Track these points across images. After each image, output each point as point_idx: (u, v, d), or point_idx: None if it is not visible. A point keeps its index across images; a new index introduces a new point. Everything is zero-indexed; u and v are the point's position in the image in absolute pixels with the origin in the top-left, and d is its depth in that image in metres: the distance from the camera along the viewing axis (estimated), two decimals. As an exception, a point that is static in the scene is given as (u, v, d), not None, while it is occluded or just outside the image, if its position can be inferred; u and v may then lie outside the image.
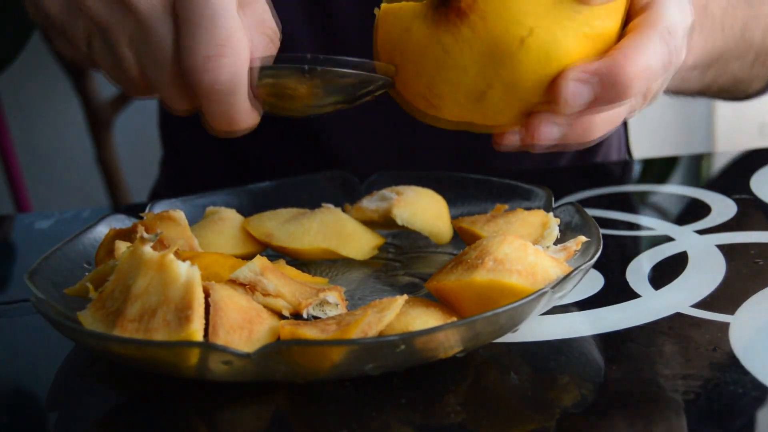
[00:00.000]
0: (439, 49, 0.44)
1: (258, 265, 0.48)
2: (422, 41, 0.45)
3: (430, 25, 0.45)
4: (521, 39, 0.44)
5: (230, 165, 0.89)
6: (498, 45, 0.44)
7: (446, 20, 0.44)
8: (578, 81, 0.44)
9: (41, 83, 1.78)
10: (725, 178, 0.82)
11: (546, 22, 0.44)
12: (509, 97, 0.46)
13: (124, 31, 0.48)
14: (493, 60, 0.44)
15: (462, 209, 0.63)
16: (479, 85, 0.45)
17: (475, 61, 0.44)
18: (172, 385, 0.44)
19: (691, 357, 0.45)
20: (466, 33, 0.44)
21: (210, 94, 0.46)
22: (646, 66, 0.45)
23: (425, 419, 0.41)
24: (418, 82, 0.47)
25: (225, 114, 0.47)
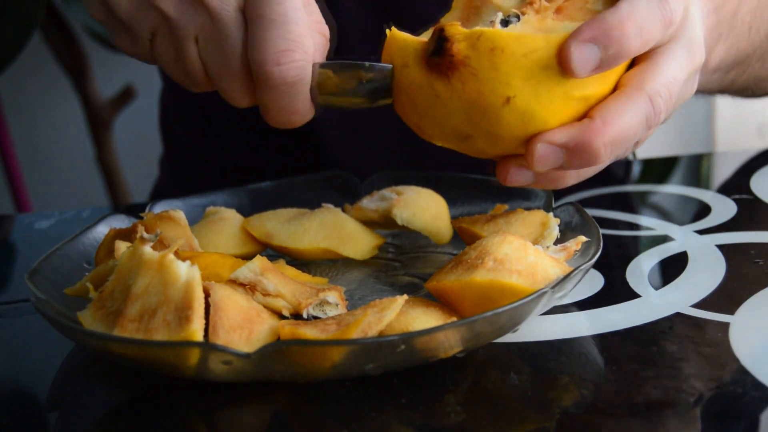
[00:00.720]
0: (431, 93, 0.46)
1: (258, 265, 0.48)
2: (417, 80, 0.47)
3: (425, 67, 0.46)
4: (506, 98, 0.45)
5: (230, 165, 0.89)
6: (484, 101, 0.45)
7: (439, 69, 0.46)
8: (548, 145, 0.45)
9: (41, 83, 1.78)
10: (725, 178, 0.82)
11: (532, 87, 0.45)
12: (491, 144, 0.48)
13: (192, 26, 0.50)
14: (478, 112, 0.46)
15: (462, 209, 0.63)
16: (464, 130, 0.47)
17: (461, 110, 0.46)
18: (172, 385, 0.44)
19: (691, 357, 0.45)
20: (456, 84, 0.45)
21: (278, 87, 0.49)
22: (620, 132, 0.45)
23: (425, 419, 0.41)
24: (412, 112, 0.49)
25: (287, 107, 0.50)
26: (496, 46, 0.44)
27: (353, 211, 0.61)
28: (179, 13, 0.50)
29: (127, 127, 1.73)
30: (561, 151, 0.46)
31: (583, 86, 0.46)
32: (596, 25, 0.44)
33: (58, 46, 1.58)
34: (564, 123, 0.46)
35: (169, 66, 0.52)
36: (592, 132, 0.45)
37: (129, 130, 1.74)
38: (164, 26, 0.51)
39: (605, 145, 0.45)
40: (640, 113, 0.46)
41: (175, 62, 0.52)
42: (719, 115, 2.17)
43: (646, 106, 0.46)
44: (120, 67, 1.72)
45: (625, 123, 0.45)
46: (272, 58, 0.48)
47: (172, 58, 0.52)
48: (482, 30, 0.45)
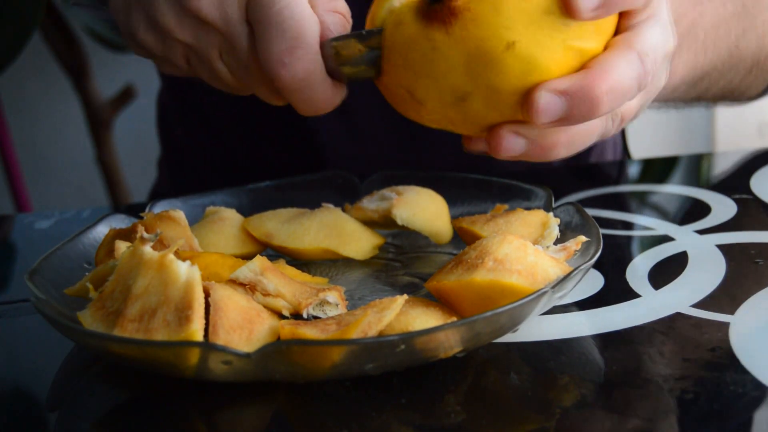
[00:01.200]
0: (428, 46, 0.45)
1: (258, 265, 0.48)
2: (412, 36, 0.46)
3: (421, 20, 0.45)
4: (507, 44, 0.44)
5: (230, 165, 0.89)
6: (485, 47, 0.45)
7: (439, 17, 0.45)
8: (552, 94, 0.45)
9: (41, 83, 1.78)
10: (725, 178, 0.82)
11: (533, 32, 0.45)
12: (489, 102, 0.47)
13: (212, 47, 0.53)
14: (479, 61, 0.45)
15: (462, 209, 0.63)
16: (463, 85, 0.46)
17: (461, 61, 0.45)
18: (172, 385, 0.44)
19: (691, 357, 0.45)
20: (456, 32, 0.44)
21: (291, 85, 0.49)
22: (617, 82, 0.45)
23: (425, 419, 0.41)
24: (405, 75, 0.47)
25: (309, 100, 0.51)
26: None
27: (353, 211, 0.61)
28: (196, 39, 0.53)
29: (127, 127, 1.73)
30: (563, 101, 0.45)
31: (581, 37, 0.45)
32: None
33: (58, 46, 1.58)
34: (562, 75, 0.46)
35: (211, 81, 0.56)
36: (593, 78, 0.45)
37: (129, 130, 1.74)
38: (191, 52, 0.54)
39: (605, 93, 0.45)
40: (633, 68, 0.46)
41: (212, 79, 0.55)
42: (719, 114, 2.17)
43: (637, 62, 0.46)
44: (120, 67, 1.72)
45: (621, 74, 0.45)
46: (277, 60, 0.49)
47: (209, 75, 0.55)
48: None
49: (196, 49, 0.54)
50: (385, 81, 0.49)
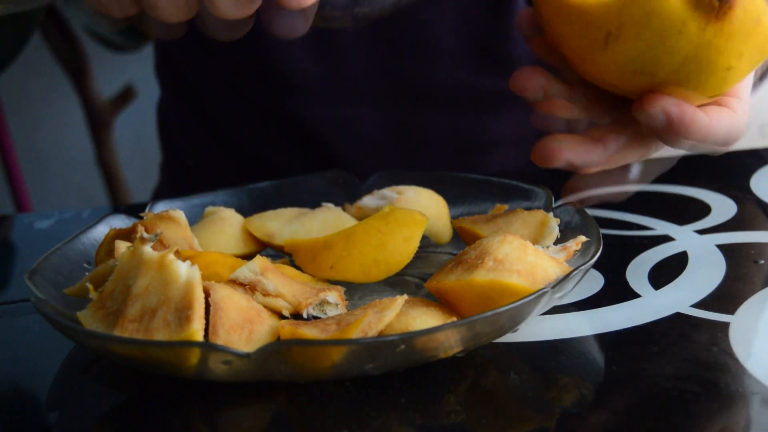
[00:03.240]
0: (675, 26, 0.47)
1: (258, 265, 0.48)
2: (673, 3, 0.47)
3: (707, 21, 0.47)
4: (728, 68, 0.49)
5: (231, 167, 0.89)
6: (712, 65, 0.48)
7: (713, 6, 0.46)
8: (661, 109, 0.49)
9: (41, 83, 1.78)
10: (725, 178, 0.82)
11: (748, 66, 0.49)
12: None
13: None
14: (742, 37, 0.48)
15: (462, 209, 0.63)
16: (684, 48, 0.48)
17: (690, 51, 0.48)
18: (172, 385, 0.44)
19: (691, 357, 0.45)
20: (710, 30, 0.47)
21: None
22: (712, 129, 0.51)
23: (425, 419, 0.41)
24: (637, 44, 0.49)
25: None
26: (763, 14, 0.46)
27: (354, 211, 0.61)
28: None
29: (127, 127, 1.73)
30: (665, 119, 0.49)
31: None
32: None
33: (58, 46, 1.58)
34: None
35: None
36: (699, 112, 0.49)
37: (129, 130, 1.74)
38: None
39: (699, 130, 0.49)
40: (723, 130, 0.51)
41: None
42: (719, 115, 2.16)
43: (734, 126, 0.52)
44: (120, 67, 1.72)
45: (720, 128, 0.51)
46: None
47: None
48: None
49: None
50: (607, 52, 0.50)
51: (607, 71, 0.51)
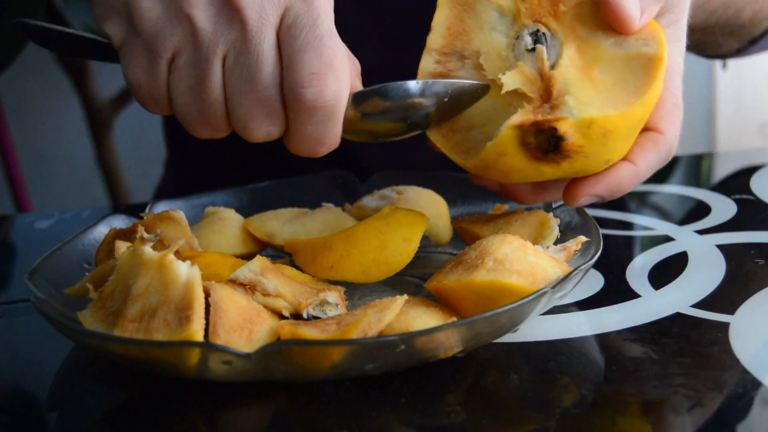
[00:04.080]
0: (535, 173, 0.49)
1: (258, 265, 0.48)
2: (517, 165, 0.48)
3: (528, 158, 0.48)
4: (606, 161, 0.49)
5: (235, 165, 0.89)
6: (589, 170, 0.49)
7: (550, 159, 0.48)
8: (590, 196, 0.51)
9: (41, 83, 1.78)
10: (725, 178, 0.82)
11: (626, 144, 0.49)
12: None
13: (222, 41, 0.48)
14: (577, 174, 0.50)
15: (462, 209, 0.63)
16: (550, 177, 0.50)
17: (559, 176, 0.50)
18: (172, 385, 0.44)
19: (691, 357, 0.45)
20: (564, 165, 0.48)
21: (310, 110, 0.47)
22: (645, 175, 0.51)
23: (425, 419, 0.41)
24: (494, 176, 0.51)
25: (316, 134, 0.48)
26: (608, 130, 0.47)
27: (354, 211, 0.61)
28: (211, 25, 0.47)
29: (127, 127, 1.73)
30: (597, 197, 0.51)
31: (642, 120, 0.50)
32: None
33: (58, 46, 1.58)
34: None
35: (183, 96, 0.49)
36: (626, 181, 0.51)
37: (129, 130, 1.74)
38: (190, 42, 0.48)
39: (633, 185, 0.51)
40: (659, 159, 0.51)
41: (190, 91, 0.49)
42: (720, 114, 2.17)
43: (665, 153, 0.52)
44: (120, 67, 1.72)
45: (649, 167, 0.51)
46: (306, 80, 0.47)
47: (190, 84, 0.49)
48: (591, 118, 0.46)
49: (200, 39, 0.47)
50: (469, 165, 0.51)
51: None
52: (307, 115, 0.47)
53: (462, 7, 0.52)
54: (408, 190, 0.60)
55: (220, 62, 0.48)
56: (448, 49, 0.52)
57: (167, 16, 0.48)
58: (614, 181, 0.51)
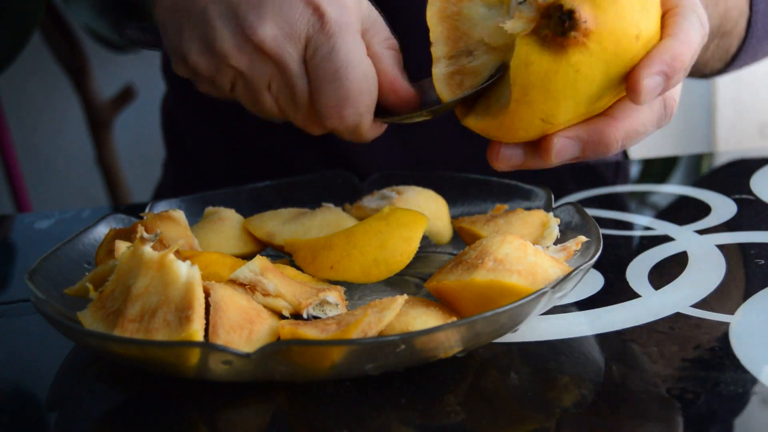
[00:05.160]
0: (571, 71, 0.46)
1: (258, 265, 0.48)
2: (550, 69, 0.47)
3: (555, 51, 0.46)
4: (637, 36, 0.46)
5: (235, 166, 0.88)
6: (621, 49, 0.46)
7: (573, 42, 0.46)
8: (566, 139, 0.49)
9: (41, 83, 1.78)
10: (725, 178, 0.82)
11: (646, 15, 0.47)
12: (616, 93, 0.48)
13: (264, 77, 0.56)
14: (617, 63, 0.47)
15: (462, 209, 0.63)
16: (601, 89, 0.47)
17: (601, 69, 0.47)
18: (172, 385, 0.44)
19: (691, 357, 0.45)
20: (593, 46, 0.46)
21: (337, 131, 0.56)
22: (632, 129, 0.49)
23: (425, 419, 0.41)
24: (545, 107, 0.48)
25: (352, 135, 0.56)
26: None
27: (354, 211, 0.61)
28: (251, 68, 0.55)
29: (127, 127, 1.73)
30: (577, 145, 0.48)
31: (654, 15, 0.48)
32: (662, 58, 0.47)
33: (58, 46, 1.58)
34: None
35: (252, 108, 0.59)
36: (606, 125, 0.48)
37: (129, 130, 1.74)
38: (240, 79, 0.57)
39: (617, 140, 0.48)
40: (653, 115, 0.49)
41: (253, 106, 0.58)
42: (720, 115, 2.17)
43: (659, 108, 0.50)
44: (120, 67, 1.72)
45: (638, 121, 0.49)
46: (326, 112, 0.54)
47: (251, 102, 0.58)
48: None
49: (247, 77, 0.56)
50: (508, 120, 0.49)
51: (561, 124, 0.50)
52: (337, 131, 0.56)
53: (451, 18, 0.52)
54: (408, 190, 0.60)
55: (267, 90, 0.57)
56: (454, 52, 0.52)
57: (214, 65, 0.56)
58: (665, 54, 0.47)
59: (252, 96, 0.58)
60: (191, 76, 0.59)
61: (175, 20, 0.58)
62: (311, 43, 0.54)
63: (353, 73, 0.53)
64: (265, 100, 0.57)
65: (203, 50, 0.56)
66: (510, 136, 0.50)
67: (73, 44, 1.58)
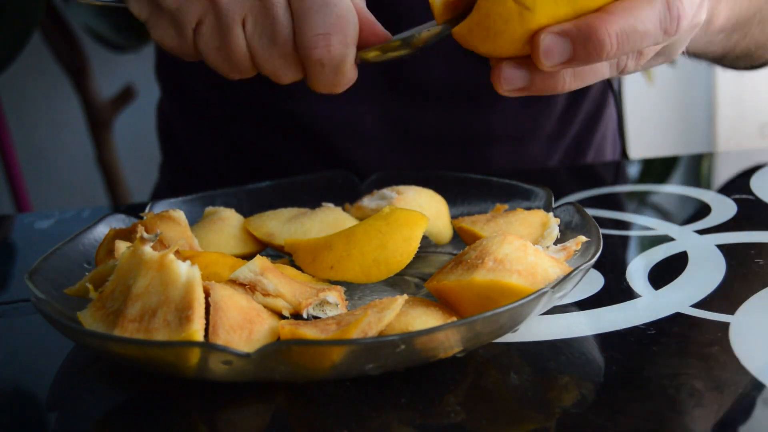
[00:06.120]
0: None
1: (258, 265, 0.48)
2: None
3: None
4: None
5: (232, 169, 0.89)
6: None
7: None
8: (554, 36, 0.46)
9: (41, 83, 1.78)
10: (725, 178, 0.82)
11: None
12: None
13: (239, 11, 0.52)
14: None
15: (462, 209, 0.63)
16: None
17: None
18: (172, 385, 0.44)
19: (691, 357, 0.45)
20: None
21: (320, 66, 0.52)
22: (629, 25, 0.45)
23: (425, 419, 0.41)
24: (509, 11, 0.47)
25: (329, 81, 0.53)
26: None
27: (354, 210, 0.61)
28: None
29: (127, 127, 1.73)
30: (567, 42, 0.46)
31: None
32: None
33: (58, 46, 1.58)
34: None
35: (212, 54, 0.54)
36: (597, 20, 0.45)
37: (129, 130, 1.74)
38: (211, 12, 0.53)
39: (611, 35, 0.45)
40: (654, 13, 0.46)
41: (218, 50, 0.54)
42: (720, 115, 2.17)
43: (661, 7, 0.46)
44: (120, 67, 1.72)
45: (636, 18, 0.45)
46: (312, 41, 0.51)
47: (216, 46, 0.54)
48: None
49: (219, 9, 0.52)
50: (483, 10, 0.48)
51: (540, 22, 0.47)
52: (318, 69, 0.52)
53: None
54: (408, 190, 0.60)
55: (240, 26, 0.52)
56: None
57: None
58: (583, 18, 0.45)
59: (220, 35, 0.53)
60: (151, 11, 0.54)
61: None
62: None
63: (341, 4, 0.51)
64: (236, 39, 0.53)
65: None
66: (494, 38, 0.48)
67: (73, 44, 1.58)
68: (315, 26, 0.51)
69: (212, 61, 0.54)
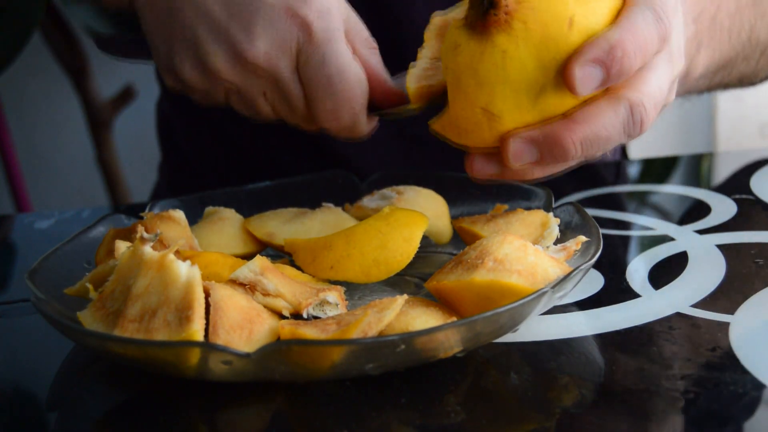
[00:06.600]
0: (497, 53, 0.46)
1: (258, 265, 0.48)
2: (476, 51, 0.46)
3: (480, 33, 0.46)
4: (569, 20, 0.45)
5: (231, 169, 0.88)
6: (550, 32, 0.45)
7: (496, 23, 0.45)
8: (522, 141, 0.47)
9: (41, 83, 1.78)
10: (725, 178, 0.82)
11: (582, 3, 0.46)
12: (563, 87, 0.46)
13: (258, 89, 0.58)
14: (548, 47, 0.45)
15: (462, 209, 0.63)
16: (536, 79, 0.46)
17: (531, 55, 0.46)
18: (172, 385, 0.44)
19: (691, 357, 0.45)
20: (518, 27, 0.45)
21: (334, 131, 0.57)
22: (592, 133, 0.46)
23: (425, 419, 0.41)
24: (479, 93, 0.47)
25: (348, 134, 0.58)
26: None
27: (354, 211, 0.61)
28: (245, 83, 0.57)
29: (127, 127, 1.73)
30: (534, 148, 0.47)
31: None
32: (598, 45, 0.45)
33: (58, 46, 1.58)
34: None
35: (245, 112, 0.60)
36: (562, 128, 0.46)
37: (129, 130, 1.74)
38: (234, 91, 0.58)
39: (575, 142, 0.46)
40: (617, 119, 0.47)
41: (249, 111, 0.60)
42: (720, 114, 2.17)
43: (624, 113, 0.47)
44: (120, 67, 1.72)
45: (599, 125, 0.46)
46: (323, 117, 0.56)
47: (247, 108, 0.60)
48: None
49: (241, 90, 0.57)
50: (453, 113, 0.49)
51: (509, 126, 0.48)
52: (334, 132, 0.58)
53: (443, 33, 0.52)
54: (408, 190, 0.60)
55: (263, 97, 0.58)
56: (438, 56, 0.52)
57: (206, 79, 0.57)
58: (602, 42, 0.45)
59: (248, 104, 0.59)
60: (184, 89, 0.60)
61: (163, 36, 0.58)
62: (302, 54, 0.55)
63: (345, 77, 0.55)
64: (262, 106, 0.59)
65: (195, 67, 0.57)
66: (465, 136, 0.49)
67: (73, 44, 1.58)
68: (323, 103, 0.55)
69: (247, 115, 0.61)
